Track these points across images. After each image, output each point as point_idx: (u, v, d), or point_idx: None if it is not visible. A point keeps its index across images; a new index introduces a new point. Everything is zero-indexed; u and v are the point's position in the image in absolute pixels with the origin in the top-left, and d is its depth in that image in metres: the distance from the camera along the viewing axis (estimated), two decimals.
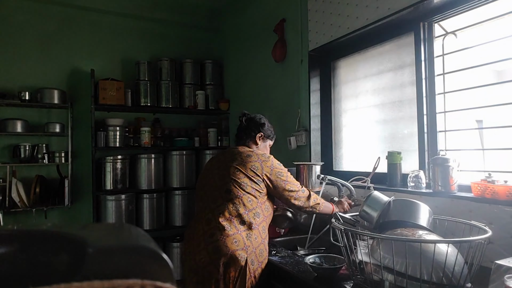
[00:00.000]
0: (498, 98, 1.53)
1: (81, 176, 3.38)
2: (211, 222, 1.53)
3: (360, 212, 1.45)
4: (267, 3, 3.07)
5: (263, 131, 1.81)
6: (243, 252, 1.48)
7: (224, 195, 1.55)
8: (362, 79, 2.29)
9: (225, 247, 1.46)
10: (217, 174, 1.64)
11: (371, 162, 2.00)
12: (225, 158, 1.67)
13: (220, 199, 1.56)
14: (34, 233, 0.34)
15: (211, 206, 1.57)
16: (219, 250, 1.46)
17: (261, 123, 1.82)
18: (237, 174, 1.57)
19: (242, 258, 1.47)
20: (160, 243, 3.35)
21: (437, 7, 1.74)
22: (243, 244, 1.49)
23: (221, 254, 1.46)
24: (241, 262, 1.46)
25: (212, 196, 1.60)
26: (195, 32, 3.98)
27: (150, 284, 0.26)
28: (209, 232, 1.51)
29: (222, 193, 1.57)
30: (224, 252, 1.46)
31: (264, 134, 1.81)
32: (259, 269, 1.54)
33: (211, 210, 1.56)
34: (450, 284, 1.02)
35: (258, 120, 1.83)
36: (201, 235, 1.53)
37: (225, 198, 1.55)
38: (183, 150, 3.55)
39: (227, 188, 1.56)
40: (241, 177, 1.56)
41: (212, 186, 1.62)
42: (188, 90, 3.70)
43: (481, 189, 1.42)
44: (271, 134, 1.86)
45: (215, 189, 1.60)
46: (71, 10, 3.39)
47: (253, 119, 1.83)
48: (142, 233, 0.35)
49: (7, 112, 3.09)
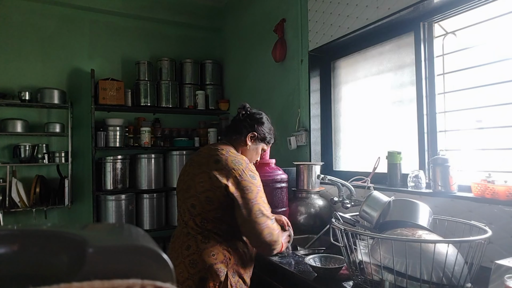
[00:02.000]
0: (498, 98, 1.53)
1: (81, 176, 3.39)
2: (188, 234, 1.38)
3: (360, 212, 1.45)
4: (267, 3, 3.08)
5: (257, 131, 1.53)
6: (223, 265, 1.33)
7: (191, 210, 1.38)
8: (362, 79, 2.29)
9: (201, 261, 1.31)
10: (186, 181, 1.43)
11: (371, 162, 2.00)
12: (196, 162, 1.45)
13: (188, 214, 1.39)
14: (34, 233, 0.34)
15: (183, 219, 1.42)
16: (196, 264, 1.32)
17: (259, 121, 1.55)
18: (200, 185, 1.35)
19: (222, 272, 1.32)
20: (160, 243, 3.35)
21: (437, 7, 1.74)
22: (222, 256, 1.34)
23: (198, 269, 1.31)
24: (220, 277, 1.31)
25: (182, 207, 1.43)
26: (195, 32, 3.98)
27: (150, 284, 0.26)
28: (186, 244, 1.36)
29: (188, 207, 1.39)
30: (201, 267, 1.31)
31: (257, 134, 1.53)
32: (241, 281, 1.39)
33: (184, 221, 1.41)
34: (450, 284, 1.02)
35: (257, 117, 1.56)
36: (179, 247, 1.39)
37: (191, 213, 1.38)
38: (183, 150, 3.55)
39: (191, 203, 1.37)
40: (204, 190, 1.34)
41: (181, 197, 1.45)
42: (188, 90, 3.70)
43: (481, 189, 1.42)
44: (267, 138, 1.58)
45: (183, 201, 1.42)
46: (71, 10, 3.39)
47: (252, 115, 1.56)
48: (142, 233, 0.35)
49: (7, 112, 3.09)
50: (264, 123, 1.57)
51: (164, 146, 3.56)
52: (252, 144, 1.55)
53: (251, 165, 1.42)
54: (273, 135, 1.63)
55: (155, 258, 0.31)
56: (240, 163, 1.38)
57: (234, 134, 1.55)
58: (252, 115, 1.57)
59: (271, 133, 1.61)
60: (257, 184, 1.37)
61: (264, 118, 1.58)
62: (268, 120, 1.62)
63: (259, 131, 1.54)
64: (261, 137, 1.55)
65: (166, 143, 3.60)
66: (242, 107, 1.59)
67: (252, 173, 1.38)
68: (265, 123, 1.57)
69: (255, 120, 1.55)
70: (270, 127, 1.61)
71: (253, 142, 1.55)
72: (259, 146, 1.58)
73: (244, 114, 1.56)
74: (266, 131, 1.57)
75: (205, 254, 1.32)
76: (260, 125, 1.55)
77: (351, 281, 1.29)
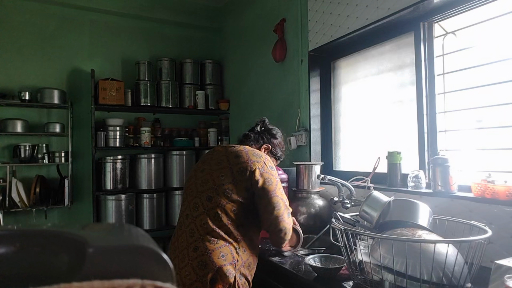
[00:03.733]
0: (498, 98, 1.53)
1: (81, 176, 3.39)
2: (194, 234, 1.36)
3: (360, 212, 1.45)
4: (267, 3, 3.08)
5: (272, 145, 1.63)
6: (231, 267, 1.32)
7: (205, 203, 1.37)
8: (362, 79, 2.29)
9: (211, 262, 1.29)
10: (200, 177, 1.44)
11: (371, 162, 2.00)
12: (212, 159, 1.47)
13: (201, 207, 1.37)
14: (34, 233, 0.34)
15: (193, 215, 1.39)
16: (205, 266, 1.30)
17: (275, 137, 1.65)
18: (221, 179, 1.37)
19: (231, 274, 1.31)
20: (160, 243, 3.35)
21: (437, 7, 1.74)
22: (231, 258, 1.33)
23: (208, 270, 1.29)
24: (229, 279, 1.30)
25: (193, 202, 1.41)
26: (195, 32, 3.98)
27: (150, 284, 0.26)
28: (193, 245, 1.34)
29: (203, 200, 1.38)
30: (211, 268, 1.29)
31: (271, 148, 1.63)
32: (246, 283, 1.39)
33: (193, 219, 1.39)
34: (450, 284, 1.02)
35: (274, 133, 1.66)
36: (184, 248, 1.36)
37: (206, 207, 1.37)
38: (183, 150, 3.55)
39: (208, 195, 1.37)
40: (225, 182, 1.36)
41: (194, 191, 1.44)
42: (188, 90, 3.70)
43: (481, 189, 1.42)
44: (278, 154, 1.66)
45: (196, 195, 1.41)
46: (71, 10, 3.39)
47: (269, 130, 1.66)
48: (142, 233, 0.35)
49: (7, 112, 3.09)
50: (279, 139, 1.67)
51: (164, 146, 3.56)
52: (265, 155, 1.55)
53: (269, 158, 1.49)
54: (283, 153, 1.71)
55: (155, 258, 0.31)
56: (260, 155, 1.44)
57: (250, 142, 1.62)
58: (269, 130, 1.66)
59: (283, 151, 1.69)
60: (276, 176, 1.42)
61: (279, 135, 1.68)
62: (282, 137, 1.70)
63: (273, 146, 1.64)
64: (274, 152, 1.65)
65: (166, 143, 3.60)
66: (261, 121, 1.68)
67: (271, 164, 1.45)
68: (279, 140, 1.67)
69: (271, 135, 1.64)
70: (284, 145, 1.70)
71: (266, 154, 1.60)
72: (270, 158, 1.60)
73: (262, 128, 1.66)
74: (279, 148, 1.67)
75: (214, 255, 1.31)
76: (275, 140, 1.65)
77: (351, 281, 1.29)
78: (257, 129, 1.65)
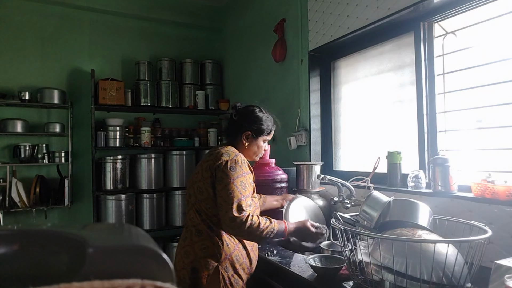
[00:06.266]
0: (498, 98, 1.53)
1: (81, 176, 3.39)
2: (187, 226, 1.50)
3: (360, 212, 1.45)
4: (267, 3, 3.08)
5: (250, 128, 1.54)
6: (213, 259, 1.39)
7: (188, 199, 1.53)
8: (362, 79, 2.29)
9: (194, 253, 1.41)
10: (192, 175, 1.57)
11: (371, 162, 2.00)
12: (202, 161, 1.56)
13: (190, 203, 1.52)
14: (34, 233, 0.34)
15: (187, 210, 1.56)
16: (188, 255, 1.43)
17: (251, 117, 1.55)
18: (196, 176, 1.49)
19: (211, 265, 1.38)
20: (160, 243, 3.36)
21: (437, 7, 1.74)
22: (212, 251, 1.40)
23: (190, 260, 1.41)
24: (209, 270, 1.38)
25: (187, 199, 1.57)
26: (195, 32, 3.98)
27: (150, 284, 0.26)
28: (184, 235, 1.50)
29: (187, 197, 1.55)
30: (193, 258, 1.41)
31: (253, 132, 1.54)
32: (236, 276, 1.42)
33: (187, 214, 1.55)
34: (450, 284, 1.02)
35: (250, 114, 1.56)
36: (181, 238, 1.53)
37: (189, 203, 1.52)
38: (183, 150, 3.55)
39: (189, 192, 1.52)
40: (198, 180, 1.46)
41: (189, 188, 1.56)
42: (188, 90, 3.70)
43: (481, 189, 1.42)
44: (264, 130, 1.56)
45: (188, 192, 1.56)
46: (71, 10, 3.39)
47: (243, 113, 1.56)
48: (142, 233, 0.35)
49: (7, 112, 3.09)
50: (258, 116, 1.56)
51: (164, 146, 3.56)
52: (250, 142, 1.57)
53: (241, 160, 1.42)
54: (272, 122, 1.61)
55: (155, 258, 0.31)
56: (228, 155, 1.43)
57: (231, 136, 1.61)
58: (243, 113, 1.56)
59: (269, 121, 1.59)
60: (232, 176, 1.36)
61: (256, 111, 1.58)
62: (264, 110, 1.60)
63: (252, 128, 1.54)
64: (258, 131, 1.56)
65: (166, 143, 3.60)
66: (232, 107, 1.60)
67: (234, 165, 1.39)
68: (258, 116, 1.56)
69: (246, 117, 1.55)
70: (267, 116, 1.59)
71: (250, 140, 1.57)
72: (258, 140, 1.58)
73: (236, 115, 1.57)
74: (261, 124, 1.56)
75: (196, 247, 1.42)
76: (252, 121, 1.54)
77: (351, 281, 1.29)
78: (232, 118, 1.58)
